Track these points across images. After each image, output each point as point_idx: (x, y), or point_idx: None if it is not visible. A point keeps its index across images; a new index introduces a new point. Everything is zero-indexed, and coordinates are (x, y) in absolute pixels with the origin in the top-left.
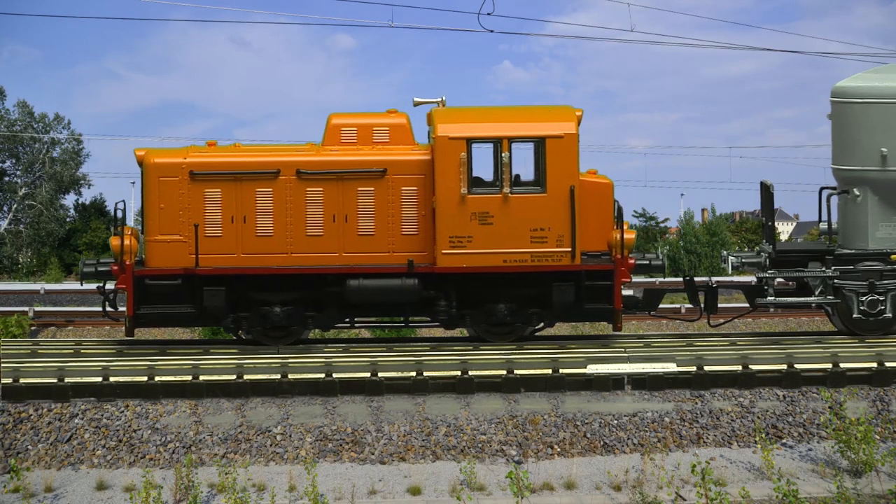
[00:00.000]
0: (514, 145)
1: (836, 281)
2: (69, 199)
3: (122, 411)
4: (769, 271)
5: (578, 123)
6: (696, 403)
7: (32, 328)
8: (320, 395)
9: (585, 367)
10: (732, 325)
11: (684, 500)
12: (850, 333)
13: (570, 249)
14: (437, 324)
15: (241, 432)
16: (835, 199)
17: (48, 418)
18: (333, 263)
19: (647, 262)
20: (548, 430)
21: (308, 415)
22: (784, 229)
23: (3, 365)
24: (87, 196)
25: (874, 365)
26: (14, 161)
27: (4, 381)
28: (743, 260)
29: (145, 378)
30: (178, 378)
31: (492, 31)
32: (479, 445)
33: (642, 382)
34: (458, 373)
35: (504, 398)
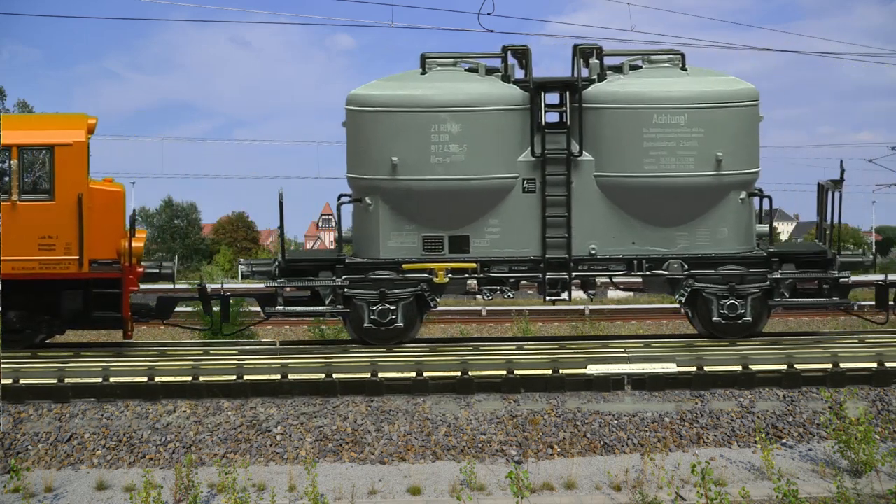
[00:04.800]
0: (28, 153)
1: (346, 290)
2: None
3: (123, 411)
4: (279, 280)
5: (90, 132)
6: (696, 403)
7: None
8: (320, 396)
9: (585, 368)
10: None
11: (684, 500)
12: (361, 342)
13: (77, 257)
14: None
15: (241, 432)
16: (350, 208)
17: (48, 418)
18: None
19: (157, 270)
20: (548, 430)
21: (308, 415)
22: (784, 229)
23: (3, 365)
24: None
25: (874, 365)
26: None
27: (4, 381)
28: (254, 269)
29: (145, 379)
30: (179, 379)
31: (492, 31)
32: (479, 445)
33: (642, 383)
34: (458, 373)
35: (504, 398)
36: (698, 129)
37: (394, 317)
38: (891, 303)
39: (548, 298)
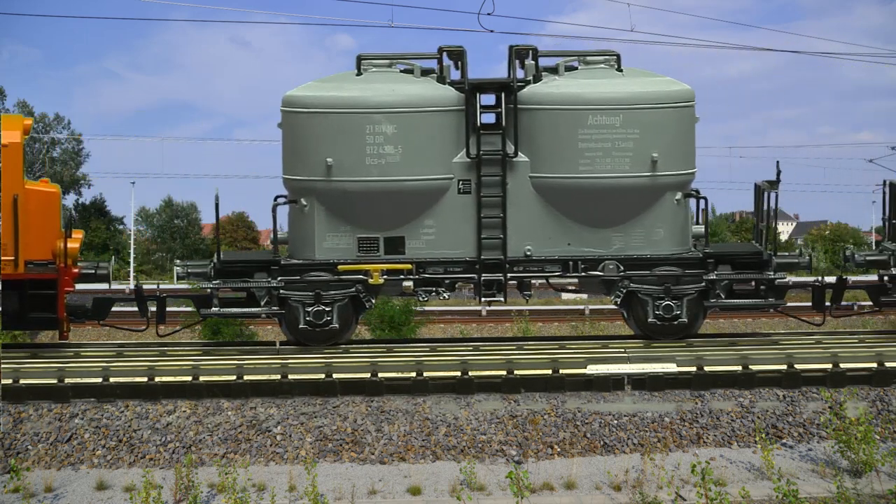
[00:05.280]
0: None
1: (281, 291)
2: (69, 200)
3: (122, 411)
4: (214, 281)
5: (26, 133)
6: (696, 403)
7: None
8: (320, 396)
9: (585, 368)
10: (733, 325)
11: (684, 500)
12: (296, 343)
13: (13, 258)
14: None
15: (241, 432)
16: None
17: (48, 418)
18: None
19: (94, 270)
20: (548, 430)
21: (308, 415)
22: (784, 229)
23: (3, 365)
24: (87, 196)
25: (874, 365)
26: None
27: (4, 381)
28: (189, 270)
29: (145, 379)
30: (179, 379)
31: (492, 31)
32: (479, 445)
33: (642, 383)
34: (458, 373)
35: (504, 398)
36: (634, 130)
37: (329, 318)
38: (827, 304)
39: (483, 300)
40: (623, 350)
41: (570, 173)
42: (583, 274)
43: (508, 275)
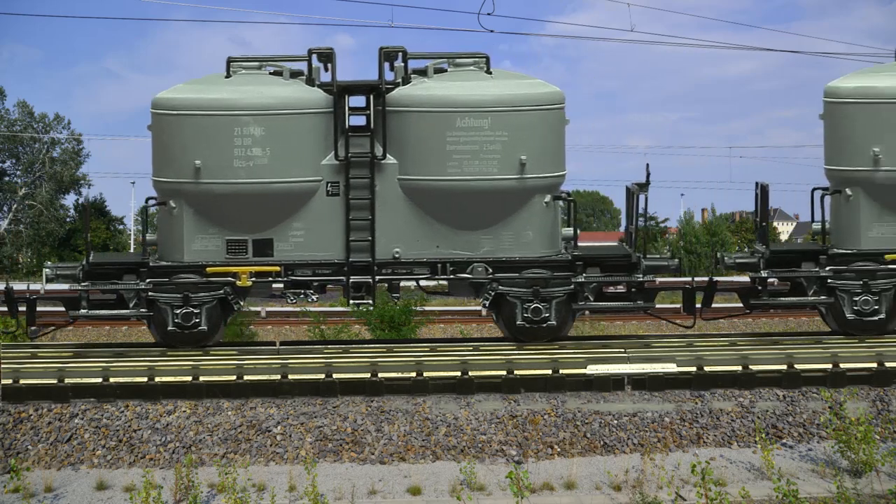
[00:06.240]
0: None
1: (150, 293)
2: (69, 199)
3: (122, 411)
4: (83, 283)
5: None
6: (696, 403)
7: (32, 328)
8: (320, 396)
9: (585, 368)
10: (733, 325)
11: (684, 500)
12: (166, 345)
13: None
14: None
15: (241, 432)
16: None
17: (48, 418)
18: None
19: None
20: (548, 430)
21: (308, 415)
22: (784, 229)
23: (3, 365)
24: (87, 196)
25: (874, 365)
26: (14, 161)
27: (4, 381)
28: (58, 272)
29: (145, 379)
30: (179, 379)
31: (492, 31)
32: (479, 445)
33: (642, 383)
34: (458, 373)
35: (504, 398)
36: (502, 133)
37: (197, 320)
38: (697, 306)
39: (352, 302)
40: (623, 350)
41: (438, 175)
42: (451, 276)
43: (377, 277)
